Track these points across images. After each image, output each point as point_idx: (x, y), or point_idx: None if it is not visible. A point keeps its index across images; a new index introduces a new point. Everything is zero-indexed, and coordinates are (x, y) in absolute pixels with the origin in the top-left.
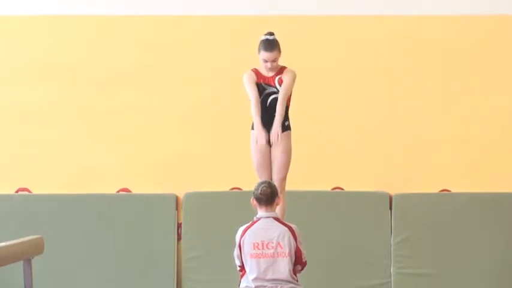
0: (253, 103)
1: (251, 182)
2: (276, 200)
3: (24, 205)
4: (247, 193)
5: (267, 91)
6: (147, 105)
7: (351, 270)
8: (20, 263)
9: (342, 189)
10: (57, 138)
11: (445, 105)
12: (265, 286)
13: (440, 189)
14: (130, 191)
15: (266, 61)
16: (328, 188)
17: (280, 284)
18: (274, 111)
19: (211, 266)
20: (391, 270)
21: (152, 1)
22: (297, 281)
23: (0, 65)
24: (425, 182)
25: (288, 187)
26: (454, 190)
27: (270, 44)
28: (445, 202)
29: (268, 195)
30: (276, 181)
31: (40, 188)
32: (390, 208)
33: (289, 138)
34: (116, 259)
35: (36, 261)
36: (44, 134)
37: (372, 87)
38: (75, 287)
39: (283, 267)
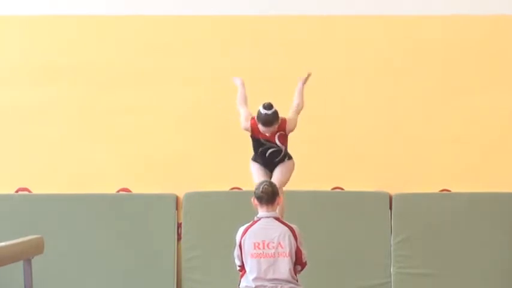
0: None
1: (251, 182)
2: (277, 199)
3: (24, 205)
4: (247, 193)
5: (266, 146)
6: (147, 105)
7: (351, 270)
8: (20, 263)
9: (342, 189)
10: (57, 138)
11: (445, 105)
12: (265, 286)
13: (440, 189)
14: (130, 191)
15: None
16: (328, 188)
17: (281, 284)
18: (273, 158)
19: (211, 266)
20: (391, 270)
21: (152, 1)
22: (297, 281)
23: (0, 65)
24: (425, 182)
25: (288, 187)
26: (454, 190)
27: (268, 121)
28: (445, 202)
29: (269, 194)
30: None
31: (40, 188)
32: (390, 208)
33: (292, 165)
34: (116, 259)
35: (36, 261)
36: (44, 134)
37: (372, 87)
38: (75, 287)
39: (284, 267)
